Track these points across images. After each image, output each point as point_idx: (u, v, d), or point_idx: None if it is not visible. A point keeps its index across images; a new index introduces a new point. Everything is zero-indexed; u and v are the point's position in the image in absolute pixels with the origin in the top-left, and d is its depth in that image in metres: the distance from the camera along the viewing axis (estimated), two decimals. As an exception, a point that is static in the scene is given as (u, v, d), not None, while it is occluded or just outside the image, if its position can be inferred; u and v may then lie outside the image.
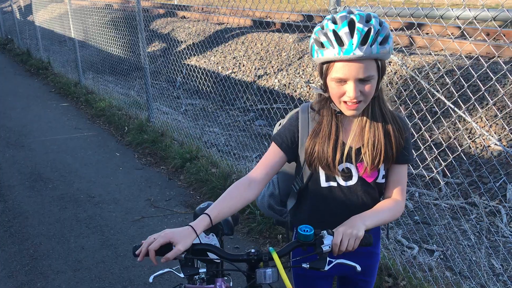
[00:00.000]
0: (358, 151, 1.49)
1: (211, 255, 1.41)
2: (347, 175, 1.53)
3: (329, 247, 1.36)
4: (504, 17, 2.16)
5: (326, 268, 1.35)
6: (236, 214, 1.88)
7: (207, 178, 4.37)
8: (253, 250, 1.36)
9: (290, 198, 1.69)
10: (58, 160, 5.25)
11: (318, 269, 1.35)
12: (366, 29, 1.30)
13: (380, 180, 1.55)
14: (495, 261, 3.23)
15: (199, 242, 1.38)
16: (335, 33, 1.32)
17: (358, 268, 1.39)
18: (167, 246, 1.31)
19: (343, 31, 1.30)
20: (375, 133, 1.46)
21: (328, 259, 1.36)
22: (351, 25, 1.31)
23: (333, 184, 1.54)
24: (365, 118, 1.47)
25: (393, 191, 1.56)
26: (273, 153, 1.55)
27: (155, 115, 6.08)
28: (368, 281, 1.75)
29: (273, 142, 1.57)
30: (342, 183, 1.54)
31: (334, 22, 1.34)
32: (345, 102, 1.39)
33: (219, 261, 1.53)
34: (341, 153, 1.48)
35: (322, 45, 1.35)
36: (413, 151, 1.62)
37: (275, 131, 1.77)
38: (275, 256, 1.32)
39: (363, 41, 1.29)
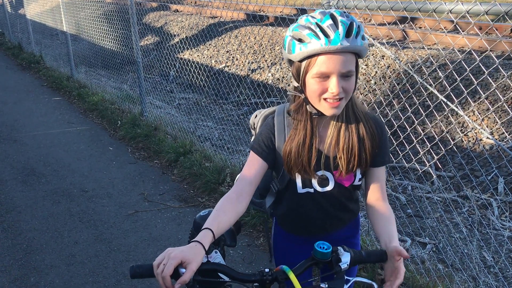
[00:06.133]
0: (335, 158, 1.48)
1: (220, 276, 1.30)
2: (324, 181, 1.52)
3: (347, 265, 1.31)
4: (496, 11, 2.18)
5: (345, 287, 1.32)
6: (239, 222, 1.86)
7: (201, 172, 4.37)
8: (266, 270, 1.29)
9: (269, 195, 1.70)
10: (51, 154, 5.23)
11: None
12: (348, 22, 1.30)
13: (357, 183, 1.55)
14: (486, 254, 3.26)
15: (207, 260, 1.29)
16: (318, 25, 1.30)
17: (376, 286, 1.37)
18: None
19: (327, 23, 1.29)
20: (350, 137, 1.45)
21: (345, 277, 1.32)
22: (333, 18, 1.31)
23: (310, 190, 1.54)
24: (340, 122, 1.45)
25: (377, 194, 1.56)
26: (254, 162, 1.52)
27: (148, 109, 6.06)
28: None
29: (251, 152, 1.53)
30: (319, 189, 1.53)
31: (314, 17, 1.33)
32: (325, 100, 1.35)
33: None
34: (317, 160, 1.47)
35: (304, 39, 1.32)
36: (389, 151, 1.58)
37: (251, 121, 1.76)
38: (292, 276, 1.24)
39: (348, 33, 1.28)
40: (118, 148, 5.41)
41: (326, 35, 1.29)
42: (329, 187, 1.53)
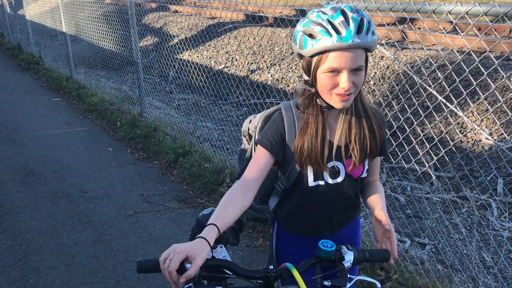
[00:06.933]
0: (346, 148, 1.51)
1: (226, 271, 1.31)
2: (335, 173, 1.54)
3: (350, 263, 1.33)
4: (495, 12, 2.18)
5: (348, 285, 1.32)
6: (241, 220, 1.85)
7: (200, 173, 4.37)
8: (271, 267, 1.30)
9: (273, 196, 1.68)
10: (50, 155, 5.22)
11: (340, 287, 1.32)
12: (359, 18, 1.31)
13: (364, 174, 1.59)
14: (485, 254, 3.27)
15: (212, 255, 1.30)
16: (330, 22, 1.31)
17: (378, 285, 1.38)
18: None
19: (339, 20, 1.30)
20: (361, 129, 1.49)
21: (348, 275, 1.33)
22: (344, 14, 1.32)
23: (321, 182, 1.55)
24: (350, 114, 1.48)
25: (373, 177, 1.69)
26: (262, 157, 1.51)
27: (147, 110, 6.06)
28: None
29: (259, 146, 1.53)
30: (330, 180, 1.55)
31: (325, 13, 1.34)
32: (337, 94, 1.38)
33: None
34: (329, 151, 1.49)
35: (315, 35, 1.33)
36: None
37: (244, 127, 1.77)
38: (295, 273, 1.26)
39: (359, 29, 1.30)
40: (117, 149, 5.41)
41: (337, 32, 1.30)
42: (340, 179, 1.56)
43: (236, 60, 8.35)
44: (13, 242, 3.54)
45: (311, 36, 1.35)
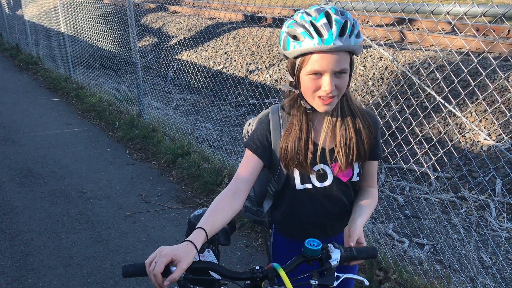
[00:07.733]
0: (332, 151, 1.49)
1: (212, 274, 1.32)
2: (322, 176, 1.53)
3: (337, 261, 1.32)
4: (494, 13, 2.18)
5: (335, 284, 1.31)
6: (233, 221, 1.86)
7: (199, 174, 4.37)
8: (257, 268, 1.30)
9: (266, 199, 1.68)
10: (49, 155, 5.22)
11: (327, 286, 1.31)
12: (343, 20, 1.30)
13: (355, 178, 1.56)
14: (484, 254, 3.27)
15: (198, 259, 1.30)
16: (313, 24, 1.30)
17: (366, 282, 1.37)
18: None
19: (321, 22, 1.29)
20: (346, 131, 1.46)
21: (335, 274, 1.32)
22: (328, 16, 1.30)
23: (309, 186, 1.54)
24: (335, 116, 1.46)
25: (367, 182, 1.63)
26: (250, 160, 1.51)
27: (146, 110, 6.06)
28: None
29: (247, 149, 1.53)
30: (317, 184, 1.53)
31: (309, 15, 1.33)
32: (319, 97, 1.37)
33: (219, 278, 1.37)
34: (314, 154, 1.48)
35: (298, 37, 1.32)
36: (383, 146, 1.62)
37: (245, 130, 1.76)
38: (282, 273, 1.25)
39: (341, 32, 1.29)
40: (116, 149, 5.41)
41: (319, 34, 1.29)
42: (328, 182, 1.53)
43: (235, 60, 8.35)
44: (11, 242, 3.53)
45: (294, 37, 1.34)
